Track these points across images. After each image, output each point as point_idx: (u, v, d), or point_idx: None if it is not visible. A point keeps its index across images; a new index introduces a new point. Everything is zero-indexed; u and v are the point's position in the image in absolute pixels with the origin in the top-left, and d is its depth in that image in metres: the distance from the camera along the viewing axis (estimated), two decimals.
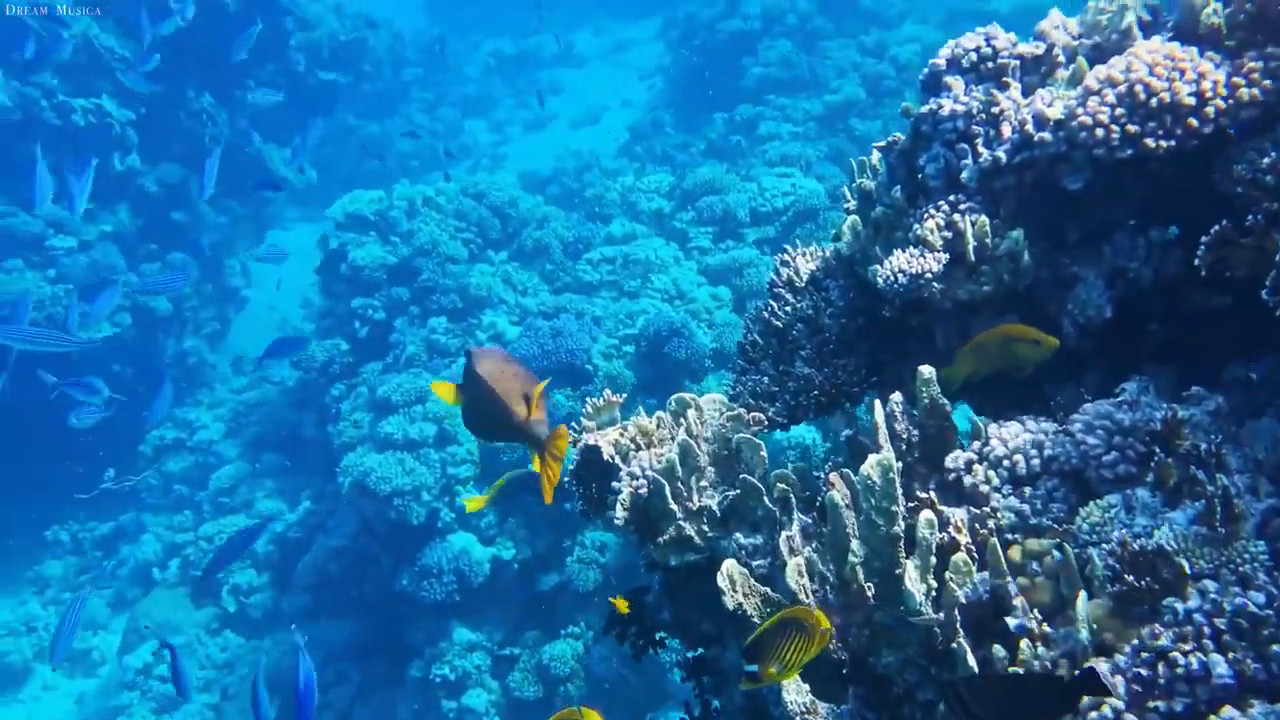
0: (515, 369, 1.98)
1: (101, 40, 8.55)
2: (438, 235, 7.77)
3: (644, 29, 16.18)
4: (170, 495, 7.51)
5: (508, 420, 1.93)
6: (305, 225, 14.32)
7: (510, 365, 2.00)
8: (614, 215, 8.08)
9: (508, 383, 1.95)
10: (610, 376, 6.20)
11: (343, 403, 6.94)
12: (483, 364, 1.98)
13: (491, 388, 1.94)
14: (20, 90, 8.24)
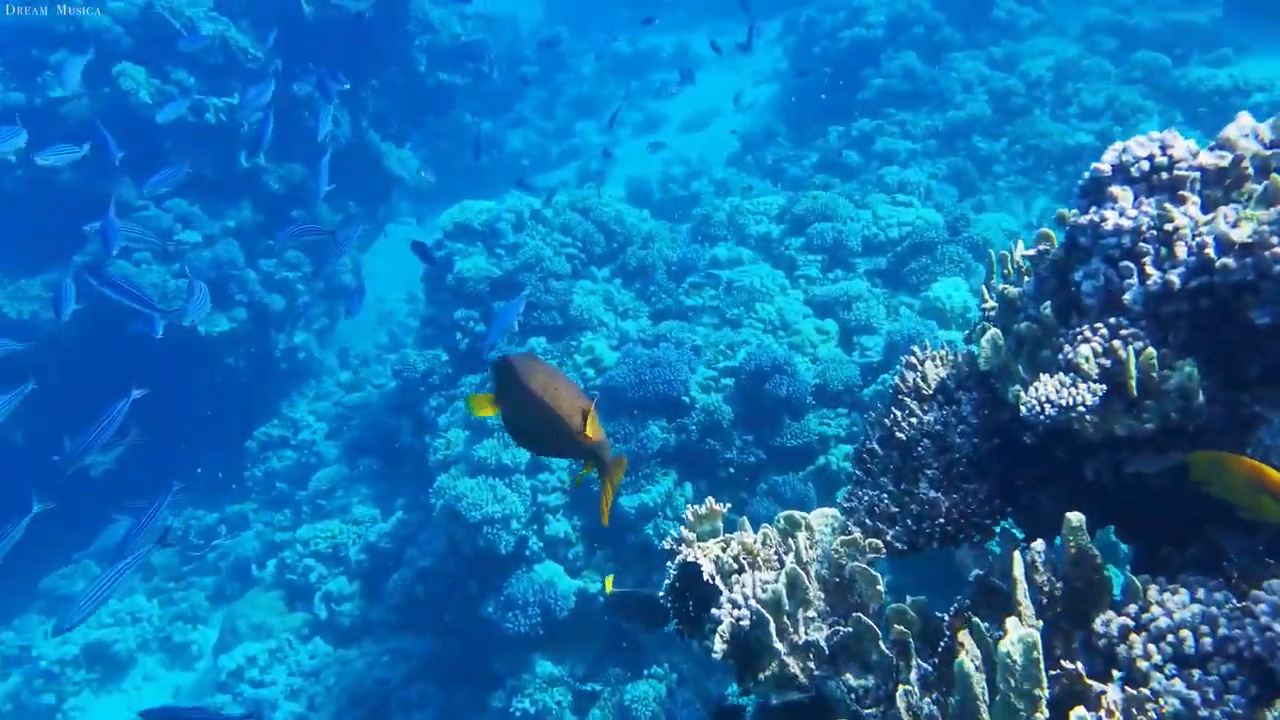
0: (562, 380, 1.98)
1: (237, 41, 8.81)
2: (542, 250, 7.74)
3: (764, 31, 15.85)
4: (272, 493, 7.72)
5: (569, 437, 1.91)
6: (416, 217, 14.64)
7: (556, 376, 1.99)
8: (721, 237, 7.89)
9: (562, 396, 1.94)
10: (707, 410, 6.04)
11: (440, 415, 6.98)
12: (532, 376, 1.96)
13: (546, 401, 1.93)
14: (160, 88, 8.56)
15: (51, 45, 8.58)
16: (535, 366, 2.01)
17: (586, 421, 1.93)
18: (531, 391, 1.96)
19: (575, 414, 1.94)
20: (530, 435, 2.03)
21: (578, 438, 1.92)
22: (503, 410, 2.04)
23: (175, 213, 8.78)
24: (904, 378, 2.36)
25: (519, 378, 1.98)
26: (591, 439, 1.92)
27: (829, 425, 6.04)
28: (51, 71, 8.54)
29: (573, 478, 1.57)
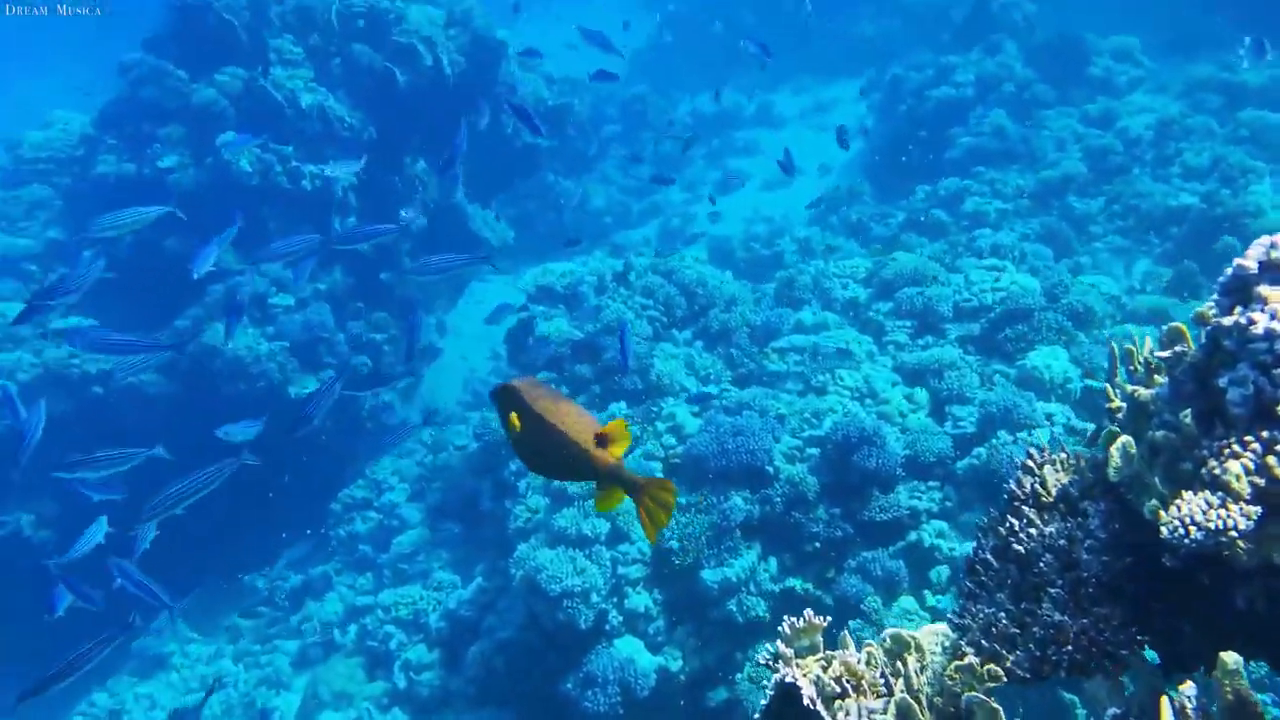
0: (570, 405, 1.97)
1: (334, 110, 9.15)
2: (624, 313, 7.71)
3: (846, 89, 15.80)
4: (356, 554, 7.78)
5: (583, 459, 1.91)
6: (501, 278, 14.88)
7: (563, 401, 1.99)
8: (805, 300, 7.74)
9: (570, 417, 1.94)
10: (792, 481, 5.84)
11: (520, 480, 6.93)
12: (536, 400, 1.97)
13: (554, 423, 1.93)
14: (260, 156, 8.91)
15: (161, 119, 9.04)
16: (539, 390, 2.01)
17: (613, 445, 1.93)
18: (539, 415, 1.96)
19: (585, 434, 1.94)
20: (542, 460, 2.01)
21: (591, 459, 1.91)
22: (512, 436, 2.03)
23: (270, 276, 9.05)
24: (1020, 483, 2.18)
25: (524, 402, 1.98)
26: (605, 458, 1.91)
27: (920, 499, 5.78)
28: (161, 144, 8.99)
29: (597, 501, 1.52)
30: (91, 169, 9.08)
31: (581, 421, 1.95)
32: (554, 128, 11.67)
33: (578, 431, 1.93)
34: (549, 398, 1.99)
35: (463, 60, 9.59)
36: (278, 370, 8.64)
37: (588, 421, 1.96)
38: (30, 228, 9.53)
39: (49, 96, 15.12)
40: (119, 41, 9.68)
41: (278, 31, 9.01)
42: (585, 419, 1.96)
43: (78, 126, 10.72)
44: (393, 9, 9.09)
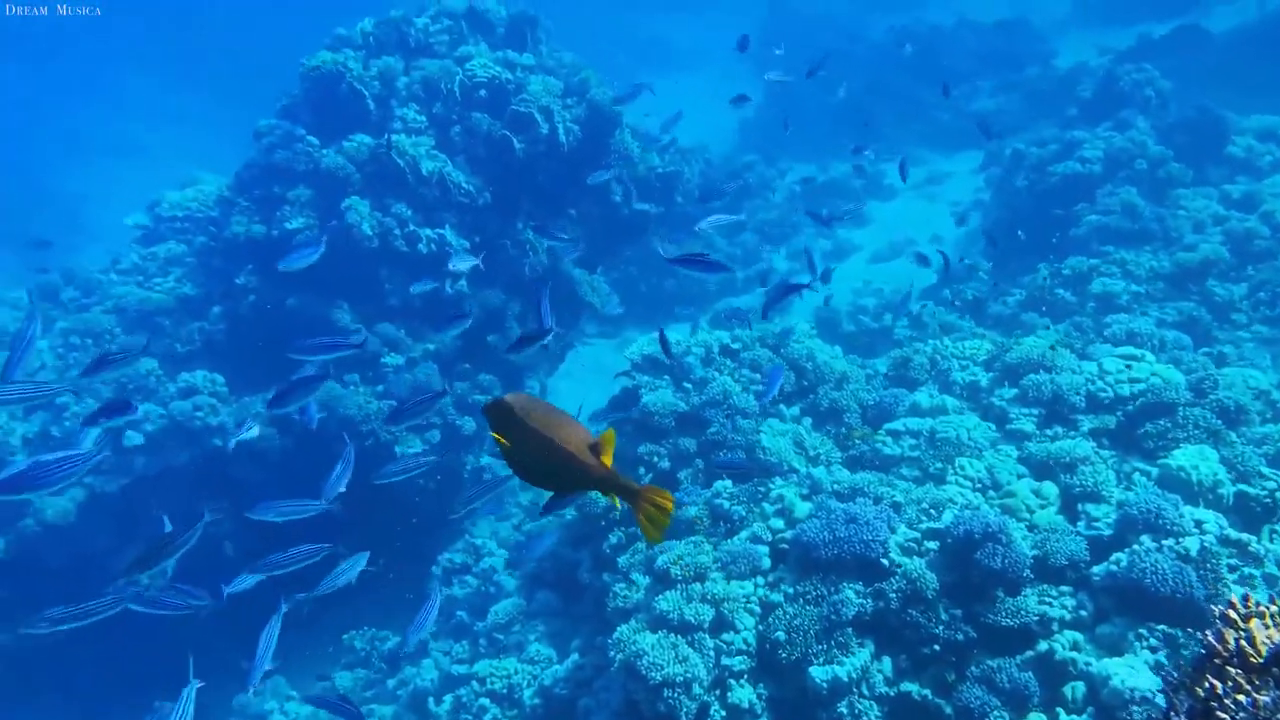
0: (562, 417, 2.03)
1: (452, 176, 9.39)
2: (730, 386, 7.55)
3: (962, 162, 15.52)
4: (452, 620, 7.72)
5: (581, 469, 1.98)
6: (604, 341, 14.97)
7: (555, 413, 2.04)
8: (921, 381, 7.43)
9: (565, 429, 2.00)
10: (908, 576, 5.50)
11: (620, 555, 6.77)
12: (531, 414, 2.02)
13: (549, 436, 1.99)
14: (381, 221, 9.19)
15: (290, 183, 9.44)
16: (534, 404, 2.07)
17: (605, 456, 2.00)
18: (534, 429, 2.01)
19: (581, 446, 2.00)
20: (539, 473, 2.06)
21: (589, 470, 1.98)
22: (507, 452, 2.08)
23: (383, 336, 9.25)
24: (1222, 639, 1.91)
25: (519, 416, 2.03)
26: (602, 467, 1.99)
27: (1051, 605, 5.35)
28: (289, 205, 9.38)
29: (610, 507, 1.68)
30: (225, 229, 9.51)
31: (577, 434, 2.02)
32: (663, 195, 11.73)
33: (575, 443, 2.00)
34: (543, 411, 2.05)
35: (578, 129, 9.75)
36: (385, 430, 8.76)
37: (583, 433, 2.03)
38: (164, 283, 10.03)
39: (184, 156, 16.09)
40: (261, 108, 10.21)
41: (404, 100, 9.36)
42: (580, 431, 2.03)
43: (214, 188, 11.34)
44: (514, 79, 9.34)
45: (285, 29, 17.95)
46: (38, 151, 25.79)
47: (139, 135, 26.92)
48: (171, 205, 11.21)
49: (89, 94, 29.29)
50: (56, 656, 7.75)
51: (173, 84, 28.96)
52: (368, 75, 9.20)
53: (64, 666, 7.88)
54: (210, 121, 25.33)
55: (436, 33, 9.58)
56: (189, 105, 26.93)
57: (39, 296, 10.75)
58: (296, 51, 9.60)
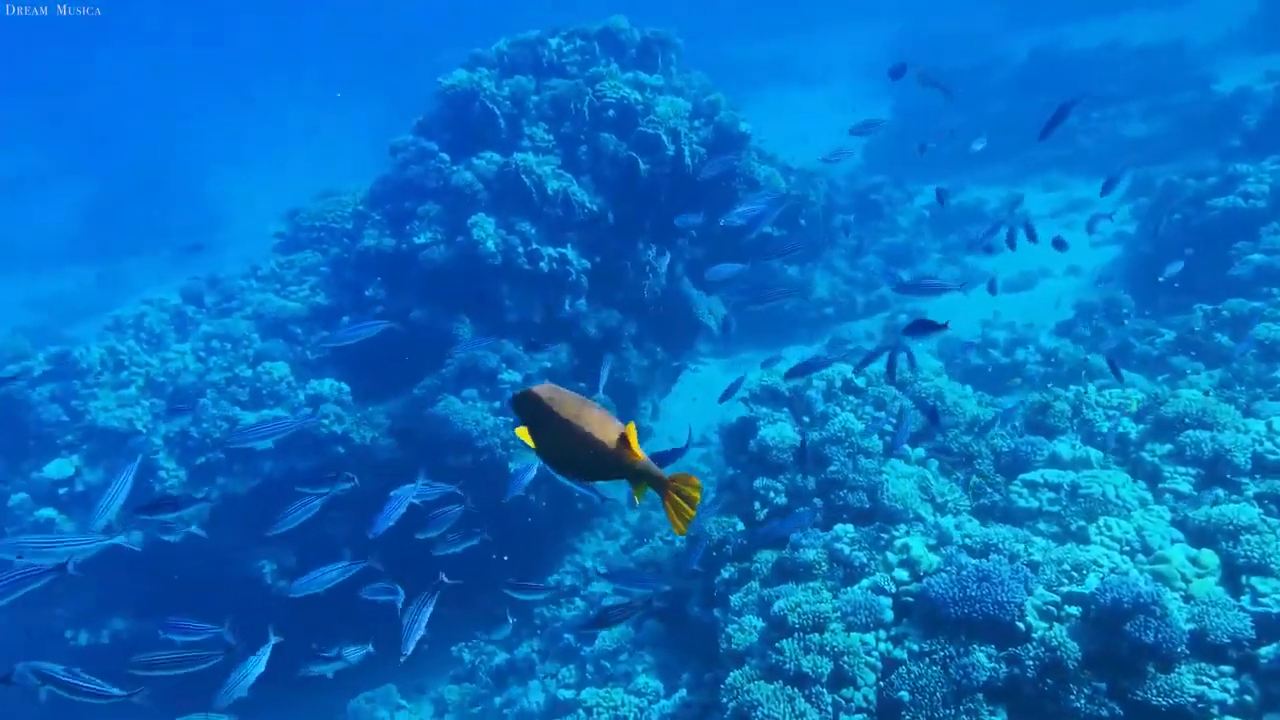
0: (590, 407, 2.07)
1: (576, 195, 9.41)
2: (852, 423, 7.26)
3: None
4: (560, 643, 7.68)
5: (613, 460, 2.03)
6: (717, 361, 14.78)
7: (584, 404, 2.08)
8: (1061, 429, 6.97)
9: (595, 420, 2.05)
10: (1047, 643, 5.12)
11: (733, 593, 6.58)
12: (562, 405, 2.07)
13: (581, 427, 2.04)
14: (505, 238, 9.29)
15: (421, 198, 9.65)
16: (563, 395, 2.11)
17: (633, 445, 2.04)
18: (565, 420, 2.06)
19: (611, 436, 2.04)
20: (570, 463, 2.10)
21: (620, 458, 2.03)
22: (538, 443, 2.13)
23: (502, 354, 9.33)
24: None
25: (549, 408, 2.08)
26: (634, 458, 2.03)
27: (1210, 686, 4.89)
28: (419, 220, 9.58)
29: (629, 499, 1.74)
30: (358, 241, 9.80)
31: (606, 424, 2.07)
32: (786, 219, 11.50)
33: (605, 433, 2.05)
34: (573, 402, 2.10)
35: (704, 151, 9.64)
36: (500, 446, 8.82)
37: (612, 424, 2.08)
38: (299, 292, 10.42)
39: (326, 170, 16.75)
40: (401, 122, 10.50)
41: (534, 120, 9.45)
42: (610, 421, 2.08)
43: (350, 199, 11.74)
44: (642, 100, 9.30)
45: (429, 45, 18.62)
46: (189, 155, 27.41)
47: (280, 140, 28.31)
48: (310, 215, 11.67)
49: (240, 99, 31.00)
50: None
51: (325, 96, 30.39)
52: (500, 94, 9.33)
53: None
54: (355, 131, 26.42)
55: (569, 53, 9.65)
56: (336, 116, 28.16)
57: (186, 298, 11.33)
58: (439, 68, 9.84)
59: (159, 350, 9.57)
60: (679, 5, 30.22)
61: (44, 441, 8.01)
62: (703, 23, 26.97)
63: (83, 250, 23.15)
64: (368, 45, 31.64)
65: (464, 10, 30.21)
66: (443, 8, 31.51)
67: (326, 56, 31.89)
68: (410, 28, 31.50)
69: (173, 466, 8.20)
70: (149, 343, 9.88)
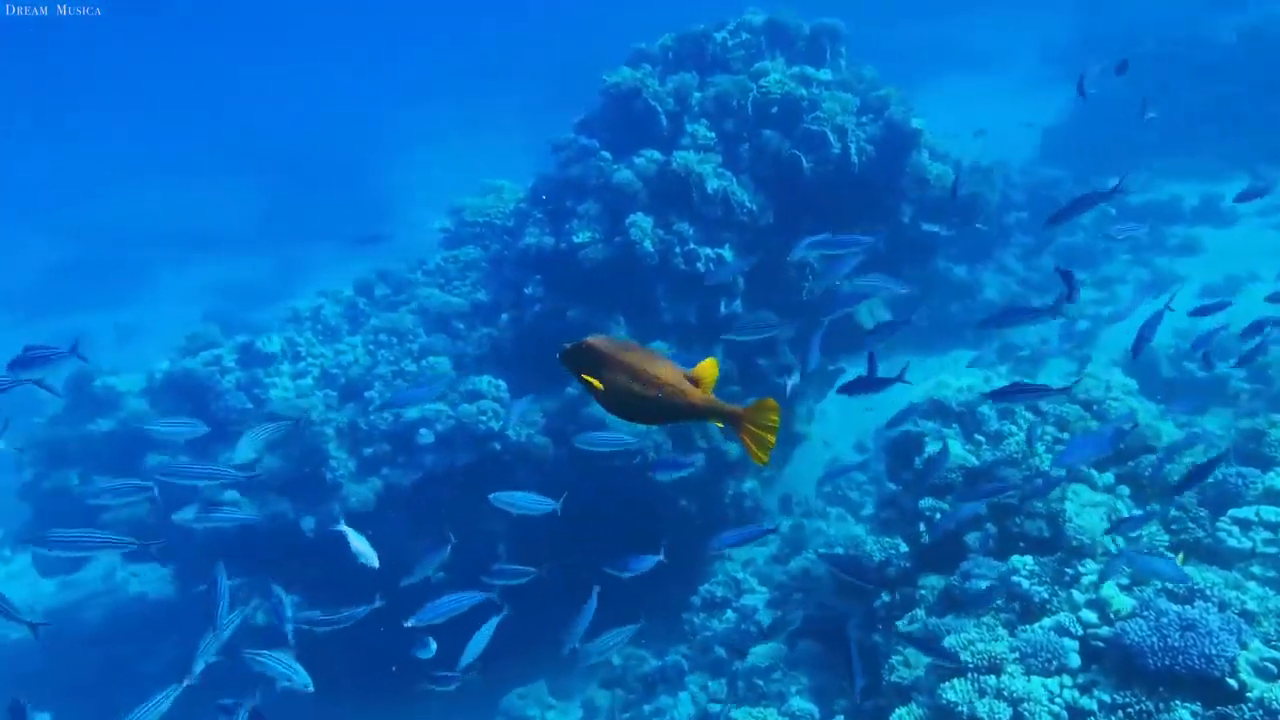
0: (653, 354, 2.11)
1: (736, 195, 9.18)
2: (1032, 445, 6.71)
3: None
4: (710, 655, 7.53)
5: (686, 404, 2.05)
6: (879, 362, 14.19)
7: (643, 349, 2.11)
8: (1278, 460, 6.21)
9: (664, 368, 2.07)
10: (1266, 706, 4.53)
11: (896, 616, 6.22)
12: (625, 352, 2.09)
13: (647, 371, 2.05)
14: (662, 238, 9.17)
15: (581, 196, 9.67)
16: (620, 344, 2.13)
17: (705, 386, 2.06)
18: (628, 364, 2.06)
19: (677, 377, 2.07)
20: (636, 408, 2.09)
21: (690, 398, 2.04)
22: (601, 393, 2.11)
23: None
24: None
25: (609, 354, 2.09)
26: (700, 395, 2.05)
27: None
28: (578, 219, 9.61)
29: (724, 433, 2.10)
30: (519, 239, 9.94)
31: (670, 367, 2.09)
32: (959, 218, 10.86)
33: (671, 375, 2.07)
34: (633, 350, 2.11)
35: (871, 149, 9.19)
36: (653, 449, 8.74)
37: (674, 366, 2.10)
38: (461, 287, 10.68)
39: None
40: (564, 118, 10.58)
41: (695, 117, 9.27)
42: (672, 365, 2.10)
43: (511, 196, 11.95)
44: (808, 96, 8.95)
45: (593, 40, 18.82)
46: (357, 146, 28.76)
47: (446, 133, 29.33)
48: (473, 211, 11.96)
49: (407, 94, 32.37)
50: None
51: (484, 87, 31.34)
52: (663, 91, 9.20)
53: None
54: (516, 125, 27.07)
55: (734, 47, 9.41)
56: (499, 108, 28.94)
57: (358, 290, 11.83)
58: (602, 63, 9.83)
59: (333, 342, 10.02)
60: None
61: (230, 428, 8.53)
62: (863, 2, 26.04)
63: (262, 239, 24.70)
64: (528, 34, 32.33)
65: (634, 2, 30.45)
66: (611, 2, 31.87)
67: (486, 46, 32.79)
68: (573, 17, 31.99)
69: (343, 456, 8.57)
70: (324, 334, 10.37)
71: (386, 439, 8.90)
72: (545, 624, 7.52)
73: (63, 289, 21.75)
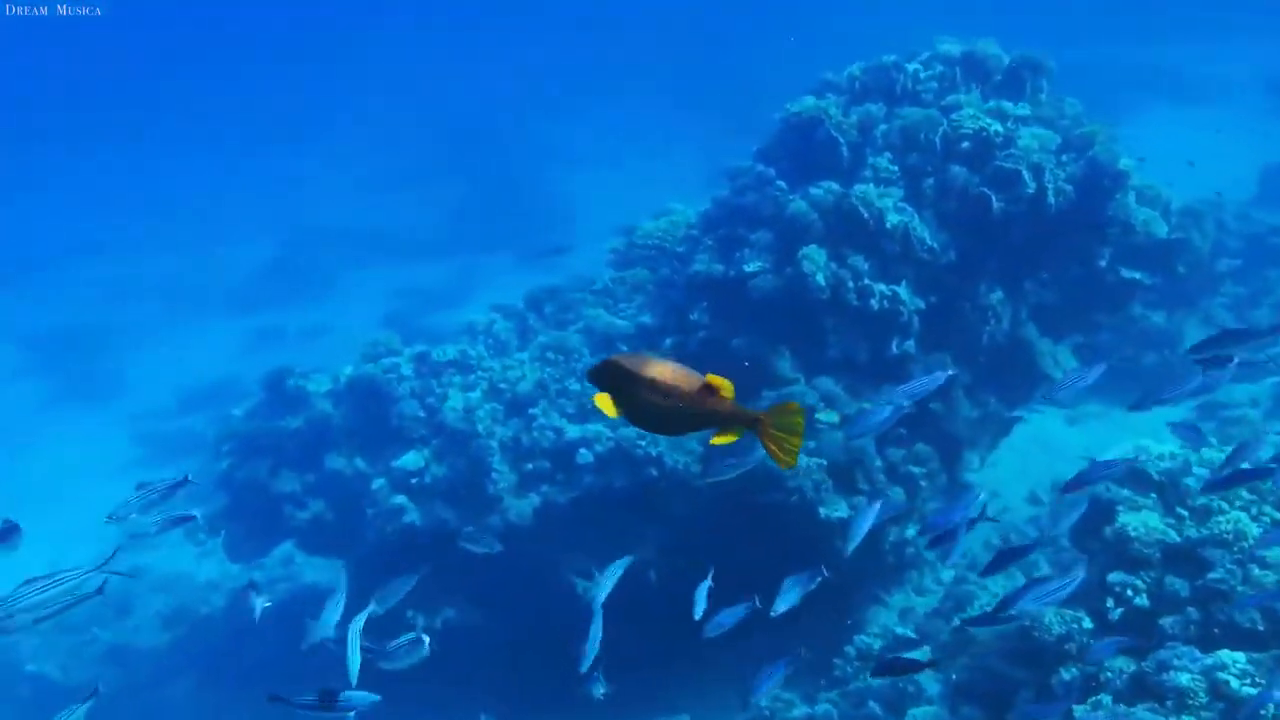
0: (673, 364, 2.21)
1: (916, 232, 8.81)
2: (1245, 525, 6.05)
3: None
4: (863, 709, 7.21)
5: (709, 412, 2.16)
6: (1055, 413, 13.29)
7: (665, 361, 2.21)
8: None
9: (685, 378, 2.18)
10: None
11: (1075, 703, 5.73)
12: (647, 366, 2.18)
13: (674, 384, 2.15)
14: (835, 271, 8.92)
15: (754, 225, 9.55)
16: (642, 357, 2.22)
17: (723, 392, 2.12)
18: (650, 379, 2.14)
19: (696, 384, 2.14)
20: (659, 420, 2.17)
21: (712, 407, 2.12)
22: (627, 408, 2.18)
23: (820, 390, 8.98)
24: None
25: (631, 370, 2.17)
26: (722, 403, 2.12)
27: None
28: (749, 248, 9.49)
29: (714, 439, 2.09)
30: (688, 265, 9.92)
31: (690, 376, 2.16)
32: (1162, 265, 10.03)
33: (692, 385, 2.14)
34: (652, 363, 2.19)
35: (1071, 189, 8.60)
36: (812, 488, 8.49)
37: (694, 375, 2.18)
38: (627, 309, 10.78)
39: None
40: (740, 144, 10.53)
41: (879, 149, 8.99)
42: (691, 373, 2.18)
43: (683, 219, 11.97)
44: (1003, 132, 8.48)
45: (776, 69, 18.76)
46: (539, 158, 29.71)
47: (621, 152, 29.88)
48: (644, 234, 12.05)
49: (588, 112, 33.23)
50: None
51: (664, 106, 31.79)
52: (847, 122, 8.96)
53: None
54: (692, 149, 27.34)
55: (926, 79, 9.05)
56: (677, 132, 29.27)
57: (528, 305, 12.15)
58: (784, 92, 9.73)
59: (502, 356, 10.33)
60: (1026, 8, 28.07)
61: (403, 434, 8.92)
62: (1059, 26, 24.62)
63: (442, 244, 25.82)
64: (703, 54, 32.55)
65: (819, 27, 30.19)
66: (797, 25, 31.75)
67: (661, 65, 33.23)
68: (756, 46, 32.01)
69: (505, 470, 8.79)
70: (494, 348, 10.70)
71: (547, 456, 9.06)
72: (689, 653, 7.44)
73: (270, 287, 23.62)
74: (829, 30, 31.58)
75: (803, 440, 2.15)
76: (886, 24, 18.76)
